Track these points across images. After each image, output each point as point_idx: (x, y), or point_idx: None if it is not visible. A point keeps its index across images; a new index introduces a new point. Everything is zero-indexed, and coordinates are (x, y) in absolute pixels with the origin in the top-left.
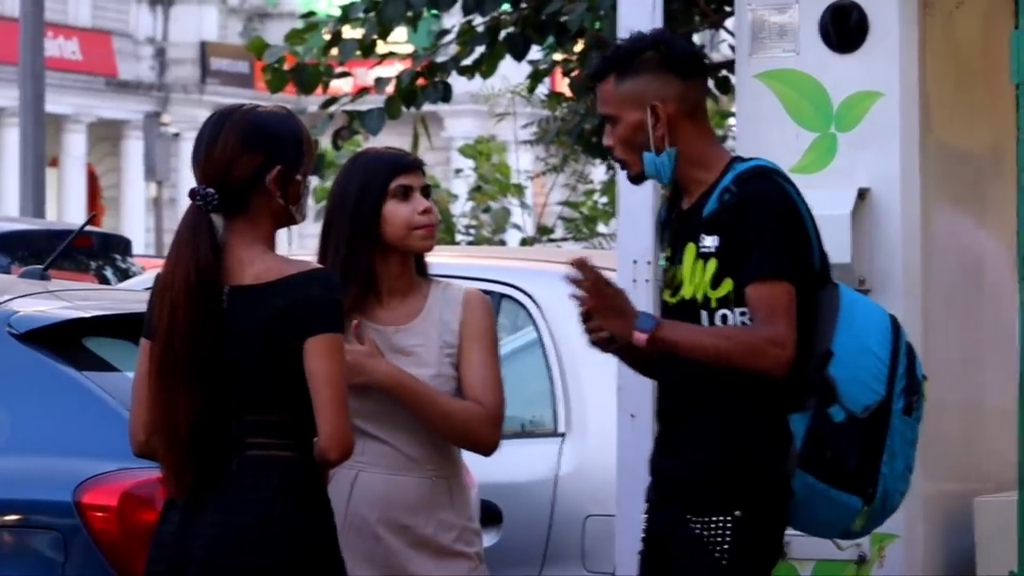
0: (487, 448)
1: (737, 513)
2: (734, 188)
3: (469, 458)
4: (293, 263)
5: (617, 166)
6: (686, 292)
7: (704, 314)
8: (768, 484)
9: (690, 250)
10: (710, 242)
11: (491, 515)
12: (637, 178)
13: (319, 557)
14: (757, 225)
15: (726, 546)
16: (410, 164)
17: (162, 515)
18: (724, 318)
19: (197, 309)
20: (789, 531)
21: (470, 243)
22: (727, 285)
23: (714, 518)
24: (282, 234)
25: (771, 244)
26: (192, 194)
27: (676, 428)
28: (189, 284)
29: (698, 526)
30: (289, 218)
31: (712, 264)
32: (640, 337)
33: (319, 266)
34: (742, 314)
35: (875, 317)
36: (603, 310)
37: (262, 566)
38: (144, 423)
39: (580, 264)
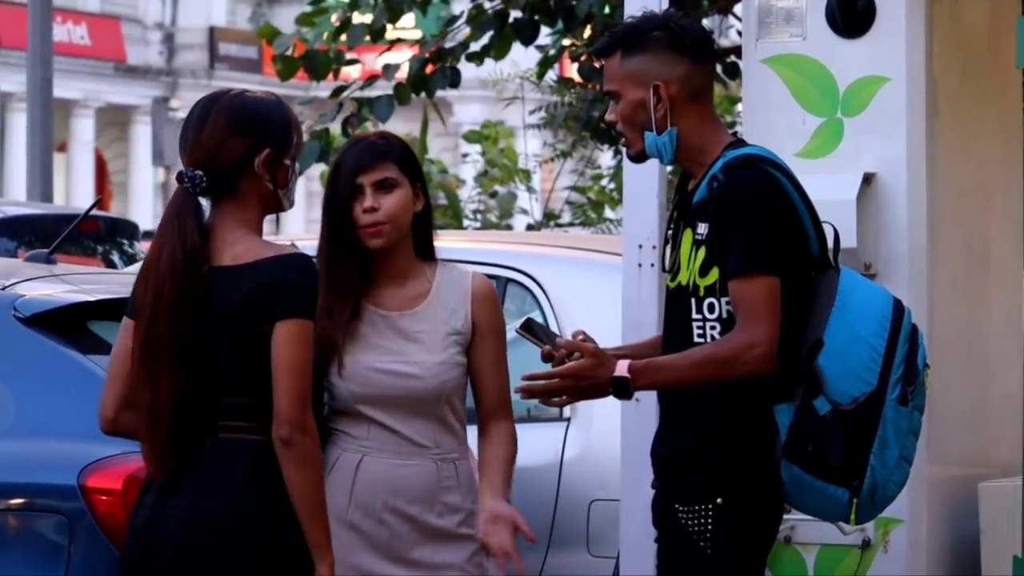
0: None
1: (719, 500)
2: (721, 176)
3: (473, 443)
4: (271, 246)
5: (620, 142)
6: (682, 278)
7: (693, 301)
8: (749, 471)
9: (687, 236)
10: (702, 229)
11: None
12: (638, 156)
13: (287, 543)
14: (736, 219)
15: (709, 535)
16: (367, 165)
17: (139, 497)
18: (711, 306)
19: (182, 290)
20: (796, 516)
21: (477, 228)
22: (714, 274)
23: (697, 506)
24: (298, 218)
25: (747, 239)
26: (180, 177)
27: (670, 412)
28: (175, 266)
29: (683, 516)
30: (277, 203)
31: (702, 252)
32: (624, 400)
33: (297, 251)
34: (728, 303)
35: (875, 304)
36: (578, 394)
37: (232, 551)
38: (116, 398)
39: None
